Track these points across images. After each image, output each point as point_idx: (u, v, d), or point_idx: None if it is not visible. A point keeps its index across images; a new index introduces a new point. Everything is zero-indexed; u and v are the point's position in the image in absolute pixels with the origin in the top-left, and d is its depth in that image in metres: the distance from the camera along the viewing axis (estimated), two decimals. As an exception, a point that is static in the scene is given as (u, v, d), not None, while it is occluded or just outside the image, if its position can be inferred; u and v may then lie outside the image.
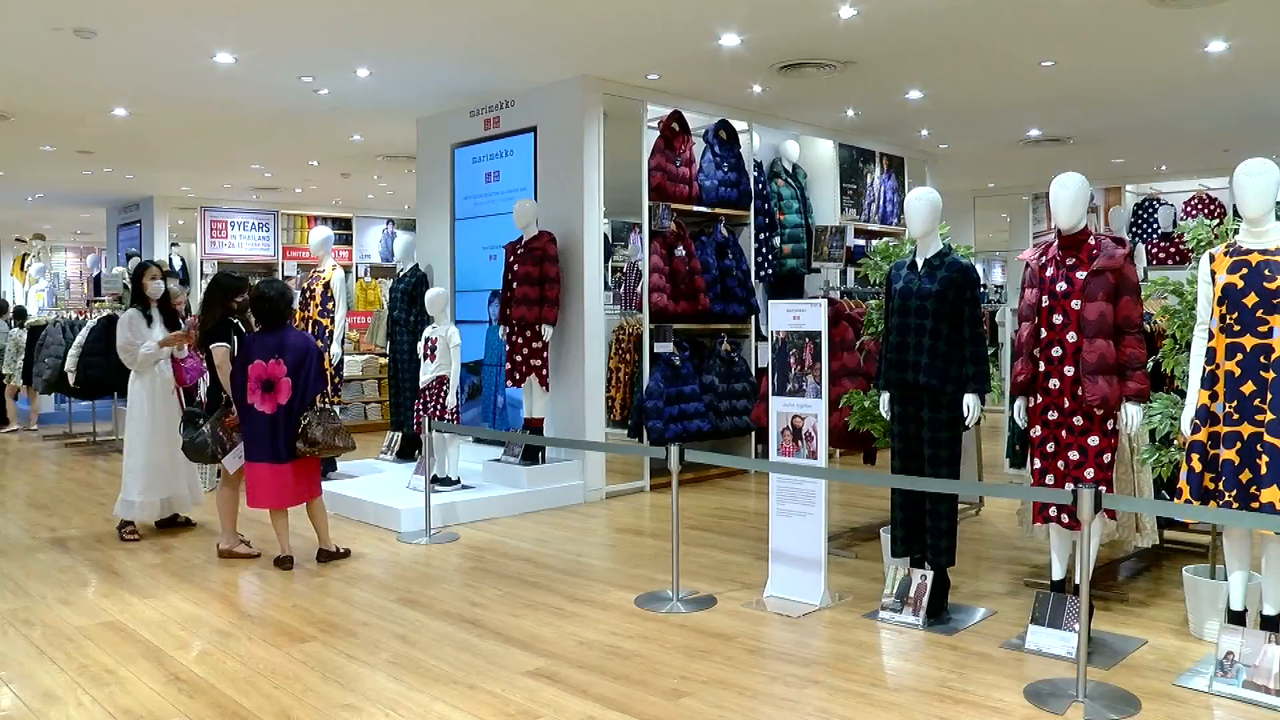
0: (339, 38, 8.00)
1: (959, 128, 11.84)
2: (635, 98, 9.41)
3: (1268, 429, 4.53)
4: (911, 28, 7.69)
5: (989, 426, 10.55)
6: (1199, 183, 14.73)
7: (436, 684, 4.66)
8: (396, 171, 14.75)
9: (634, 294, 9.75)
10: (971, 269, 5.61)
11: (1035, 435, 5.29)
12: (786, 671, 4.82)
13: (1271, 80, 9.54)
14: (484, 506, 8.39)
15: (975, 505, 8.38)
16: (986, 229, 18.22)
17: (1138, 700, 4.38)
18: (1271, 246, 4.67)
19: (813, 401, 5.81)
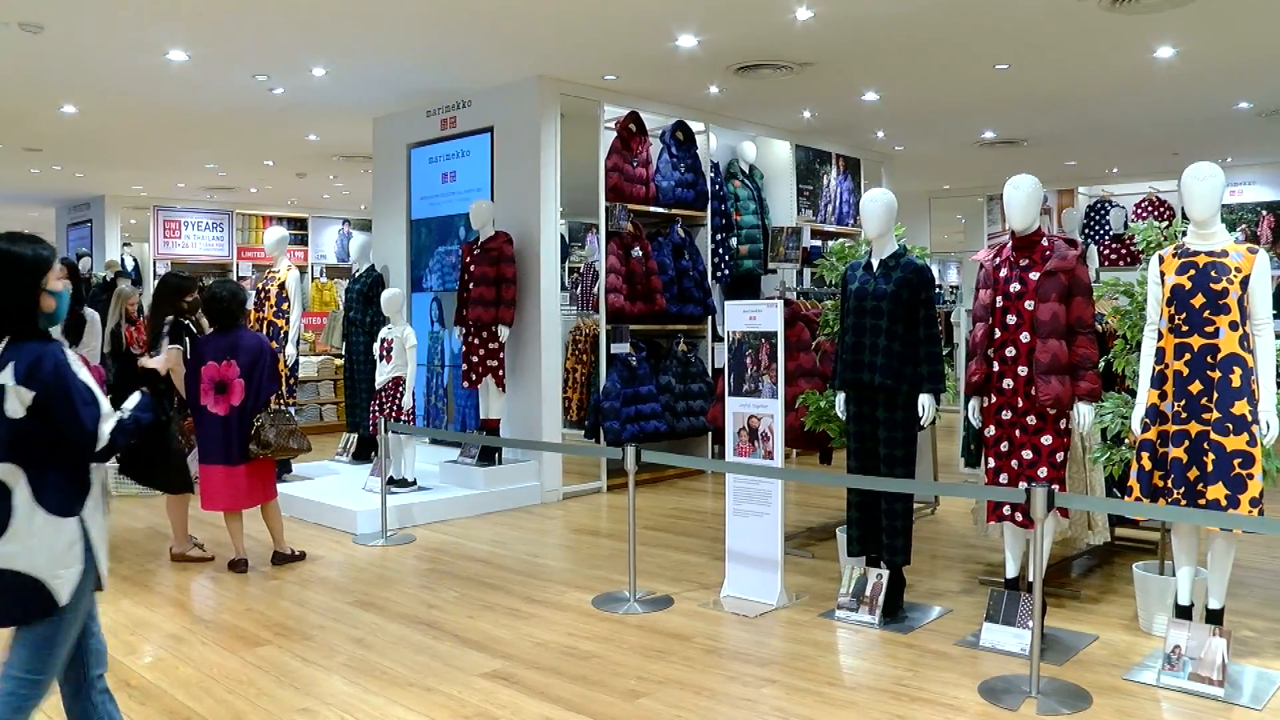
0: (294, 36, 7.93)
1: (915, 129, 11.93)
2: (592, 98, 9.40)
3: (1214, 427, 4.60)
4: (868, 30, 7.73)
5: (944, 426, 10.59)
6: (1149, 185, 14.93)
7: (393, 686, 4.64)
8: (353, 171, 14.65)
9: (591, 295, 9.75)
10: (926, 270, 5.65)
11: (989, 435, 5.33)
12: (743, 671, 4.83)
13: (1217, 86, 9.69)
14: (440, 508, 8.35)
15: (931, 504, 8.44)
16: (942, 230, 18.37)
17: (1089, 695, 4.44)
18: (1218, 248, 4.75)
19: (769, 402, 5.83)
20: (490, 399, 8.89)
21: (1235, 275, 4.67)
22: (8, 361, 2.94)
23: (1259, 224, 14.23)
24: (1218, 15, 7.42)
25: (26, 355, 2.96)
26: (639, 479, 6.20)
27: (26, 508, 2.94)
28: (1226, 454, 4.57)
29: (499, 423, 8.95)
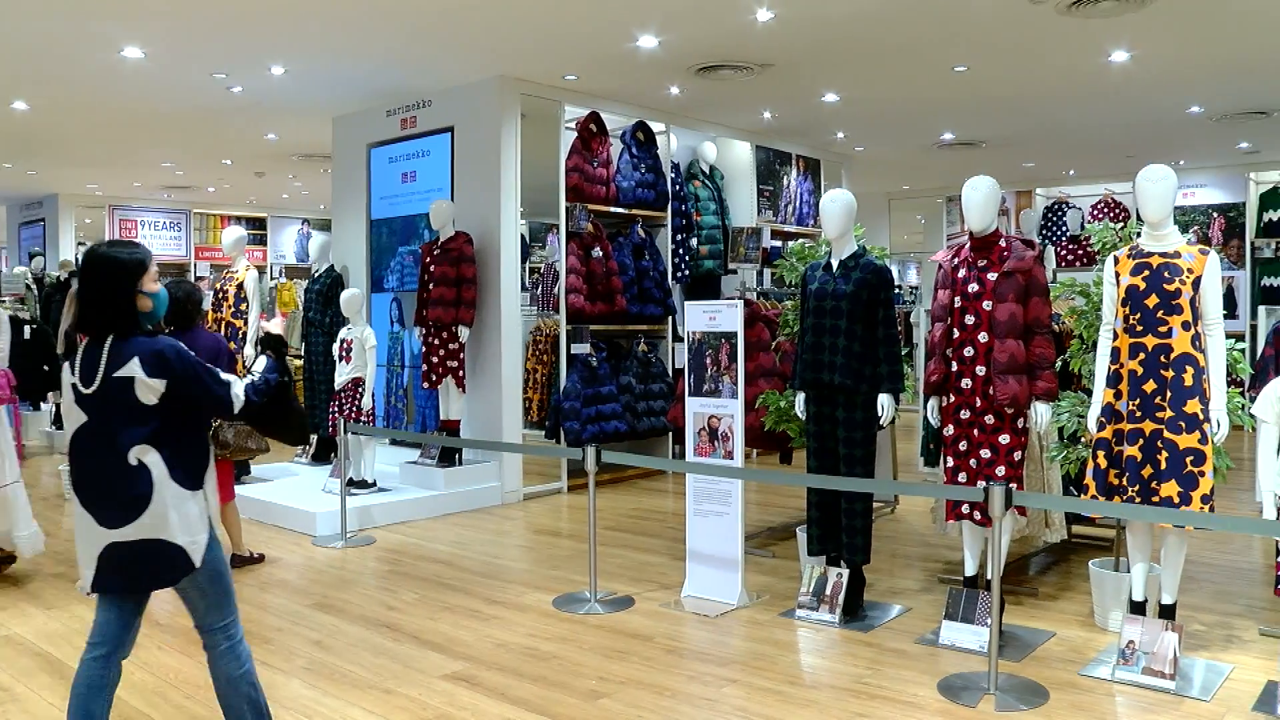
0: (253, 34, 7.86)
1: (874, 131, 11.99)
2: (553, 98, 9.38)
3: (1167, 426, 4.66)
4: (828, 32, 7.76)
5: (904, 426, 10.70)
6: (1105, 187, 15.11)
7: (353, 689, 4.61)
8: (312, 171, 14.55)
9: (551, 295, 9.73)
10: (885, 270, 5.68)
11: (948, 434, 5.37)
12: (704, 671, 4.84)
13: (1170, 90, 9.82)
14: (400, 509, 8.31)
15: (890, 503, 8.49)
16: (902, 230, 18.48)
17: (1046, 690, 4.48)
18: (1171, 249, 4.81)
19: (729, 402, 5.84)
20: (450, 400, 8.85)
21: (1188, 276, 4.73)
22: (130, 357, 3.23)
23: (1210, 226, 14.43)
24: (1170, 21, 7.52)
25: (145, 350, 3.26)
26: (600, 479, 6.19)
27: (163, 483, 3.25)
28: (1179, 452, 4.63)
29: (459, 423, 8.92)
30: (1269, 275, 13.92)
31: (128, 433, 3.23)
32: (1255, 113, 10.91)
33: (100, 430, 3.26)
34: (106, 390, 3.24)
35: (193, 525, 3.31)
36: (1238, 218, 14.34)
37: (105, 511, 3.26)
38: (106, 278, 3.31)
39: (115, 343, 3.27)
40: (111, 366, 3.24)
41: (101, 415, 3.26)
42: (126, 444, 3.22)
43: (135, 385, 3.22)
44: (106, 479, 3.25)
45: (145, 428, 3.24)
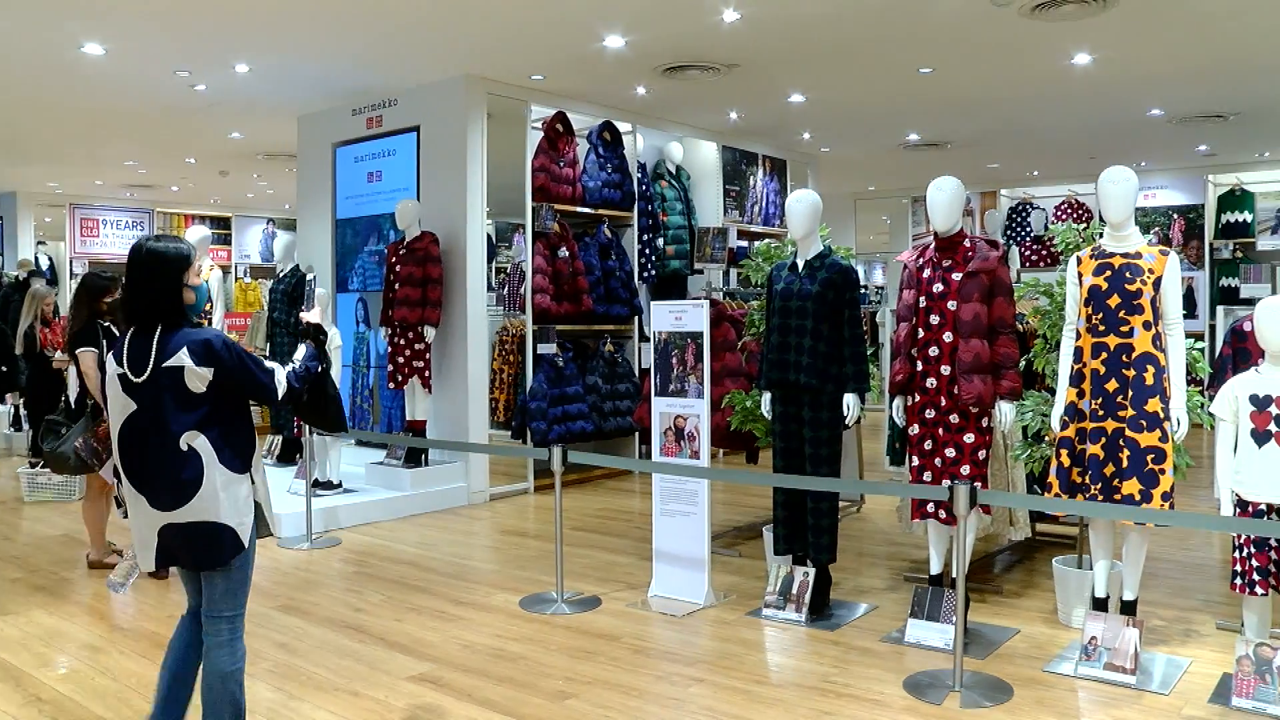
0: (216, 32, 7.78)
1: (840, 131, 12.04)
2: (519, 98, 9.36)
3: (1129, 425, 4.71)
4: (794, 32, 7.79)
5: (869, 425, 10.75)
6: (1069, 188, 15.25)
7: (318, 692, 4.58)
8: (277, 170, 14.43)
9: (517, 295, 9.70)
10: (851, 270, 5.71)
11: (913, 433, 5.40)
12: (671, 670, 4.84)
13: (1131, 93, 9.92)
14: (366, 510, 8.27)
15: (856, 503, 8.53)
16: (867, 231, 18.57)
17: (1010, 687, 4.52)
18: (1132, 250, 4.86)
19: (695, 402, 5.85)
20: (416, 400, 8.82)
21: (1149, 276, 4.78)
22: (178, 347, 3.38)
23: (1171, 227, 14.58)
24: (1131, 25, 7.59)
25: (192, 340, 3.40)
26: (566, 479, 6.19)
27: (212, 467, 3.40)
28: (1140, 450, 4.69)
29: (425, 424, 8.89)
30: (1227, 276, 14.09)
31: (178, 419, 3.38)
32: (1213, 116, 11.05)
33: (151, 417, 3.40)
34: (157, 379, 3.38)
35: (241, 507, 3.48)
36: (1197, 219, 14.51)
37: (157, 495, 3.41)
38: (155, 271, 3.45)
39: (164, 334, 3.42)
40: (161, 356, 3.38)
41: (152, 403, 3.39)
42: (178, 430, 3.38)
43: (185, 374, 3.37)
44: (158, 464, 3.40)
45: (195, 414, 3.39)
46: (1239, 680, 4.29)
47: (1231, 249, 14.28)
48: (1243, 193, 14.17)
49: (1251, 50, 8.42)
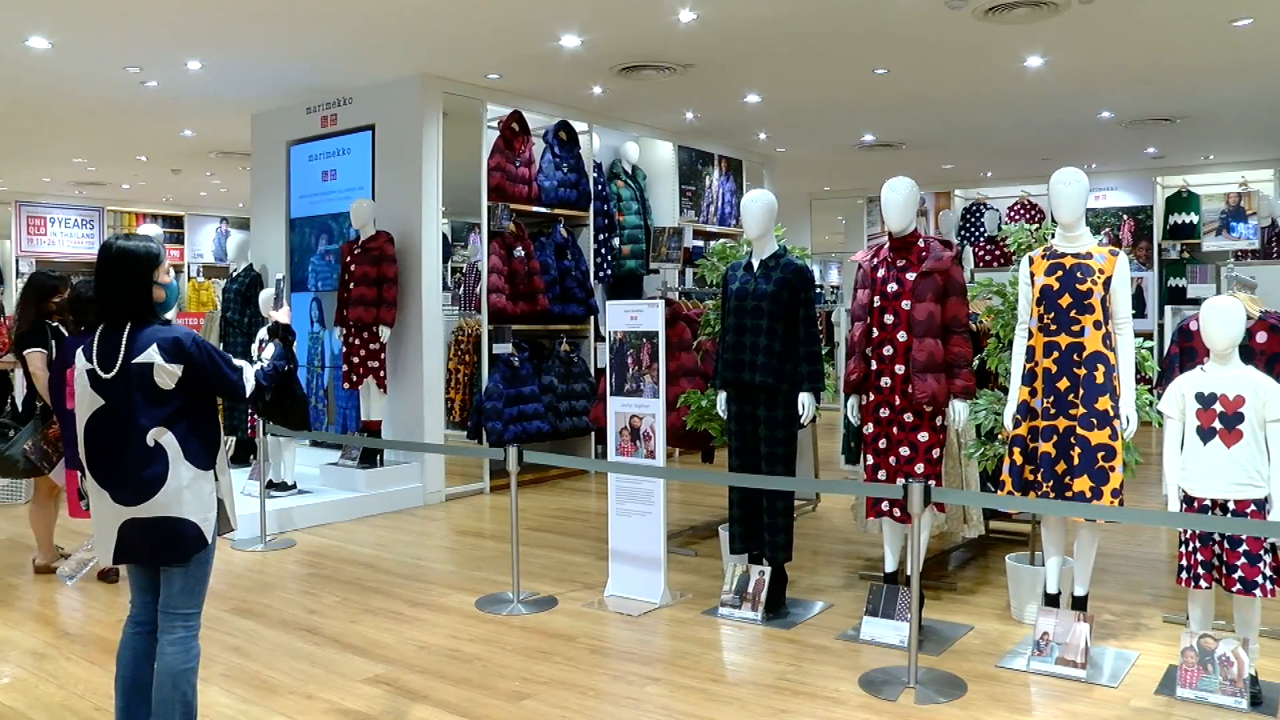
0: (167, 27, 7.67)
1: (796, 132, 12.09)
2: (475, 97, 9.33)
3: (1080, 423, 4.77)
4: (750, 33, 7.81)
5: (825, 424, 10.81)
6: (1022, 189, 15.41)
7: (273, 695, 4.54)
8: (230, 169, 14.27)
9: (473, 295, 9.68)
10: (806, 270, 5.73)
11: (868, 432, 5.43)
12: (628, 670, 4.85)
13: (1082, 95, 10.04)
14: (321, 511, 8.21)
15: (812, 501, 8.57)
16: (823, 231, 18.66)
17: (964, 683, 4.56)
18: (1083, 250, 4.92)
19: (650, 401, 5.85)
20: (371, 400, 8.77)
21: (1099, 276, 4.84)
22: (148, 343, 3.43)
23: (1121, 228, 14.77)
24: (1081, 30, 7.69)
25: (162, 337, 3.45)
26: (522, 479, 6.18)
27: (178, 463, 3.44)
28: (1091, 448, 4.75)
29: (380, 424, 8.84)
30: (1175, 276, 14.30)
31: (146, 415, 3.42)
32: (1161, 119, 11.21)
33: (118, 413, 3.43)
34: (126, 375, 3.42)
35: (205, 504, 3.51)
36: (1146, 220, 14.71)
37: (122, 490, 3.44)
38: (125, 269, 3.50)
39: (133, 330, 3.46)
40: (131, 353, 3.43)
41: (120, 399, 3.43)
42: (145, 426, 3.41)
43: (154, 370, 3.41)
44: (124, 459, 3.43)
45: (163, 410, 3.43)
46: (1183, 671, 4.38)
47: (1179, 250, 14.49)
48: (1189, 194, 14.38)
49: (1195, 56, 8.58)
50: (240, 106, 10.26)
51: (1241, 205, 13.85)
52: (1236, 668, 4.27)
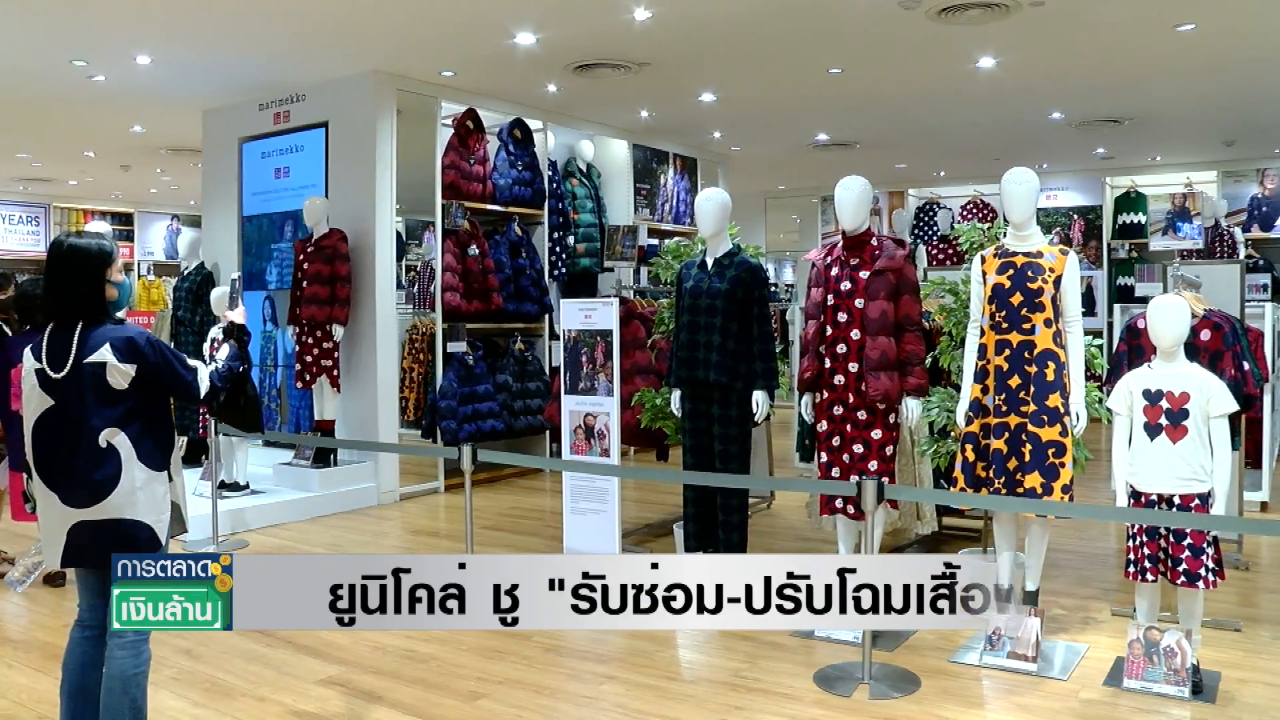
0: (115, 21, 7.54)
1: (751, 131, 12.13)
2: (429, 94, 9.28)
3: (1031, 420, 4.83)
4: (705, 32, 7.83)
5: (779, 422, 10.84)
6: (974, 189, 15.55)
7: (224, 698, 4.50)
8: (181, 165, 14.08)
9: (427, 293, 9.63)
10: (760, 268, 5.76)
11: (822, 430, 5.46)
12: (583, 669, 4.85)
13: (1033, 96, 10.16)
14: (274, 511, 8.15)
15: (767, 498, 8.60)
16: (778, 229, 18.73)
17: (918, 678, 4.61)
18: (1034, 249, 4.98)
19: (605, 400, 5.86)
20: (325, 399, 8.71)
21: (1049, 275, 4.91)
22: (100, 343, 3.40)
23: (1071, 227, 14.95)
24: (1032, 32, 7.78)
25: (115, 337, 3.42)
26: (477, 479, 6.16)
27: (131, 465, 3.41)
28: (1042, 444, 4.80)
29: (334, 423, 8.78)
30: (1124, 275, 14.49)
31: (98, 416, 3.39)
32: (1110, 120, 11.36)
33: (69, 413, 3.40)
34: (78, 375, 3.39)
35: (159, 505, 3.49)
36: (1096, 220, 14.90)
37: (72, 492, 3.40)
38: (77, 268, 3.46)
39: (85, 330, 3.43)
40: (83, 352, 3.39)
41: (71, 399, 3.39)
42: (97, 426, 3.38)
43: (107, 370, 3.38)
44: (75, 460, 3.39)
45: (115, 410, 3.40)
46: (1130, 663, 4.46)
47: (1127, 249, 14.69)
48: (1137, 195, 14.59)
49: (1142, 59, 8.72)
50: (191, 102, 10.13)
51: (1186, 206, 14.07)
52: (1180, 658, 4.36)
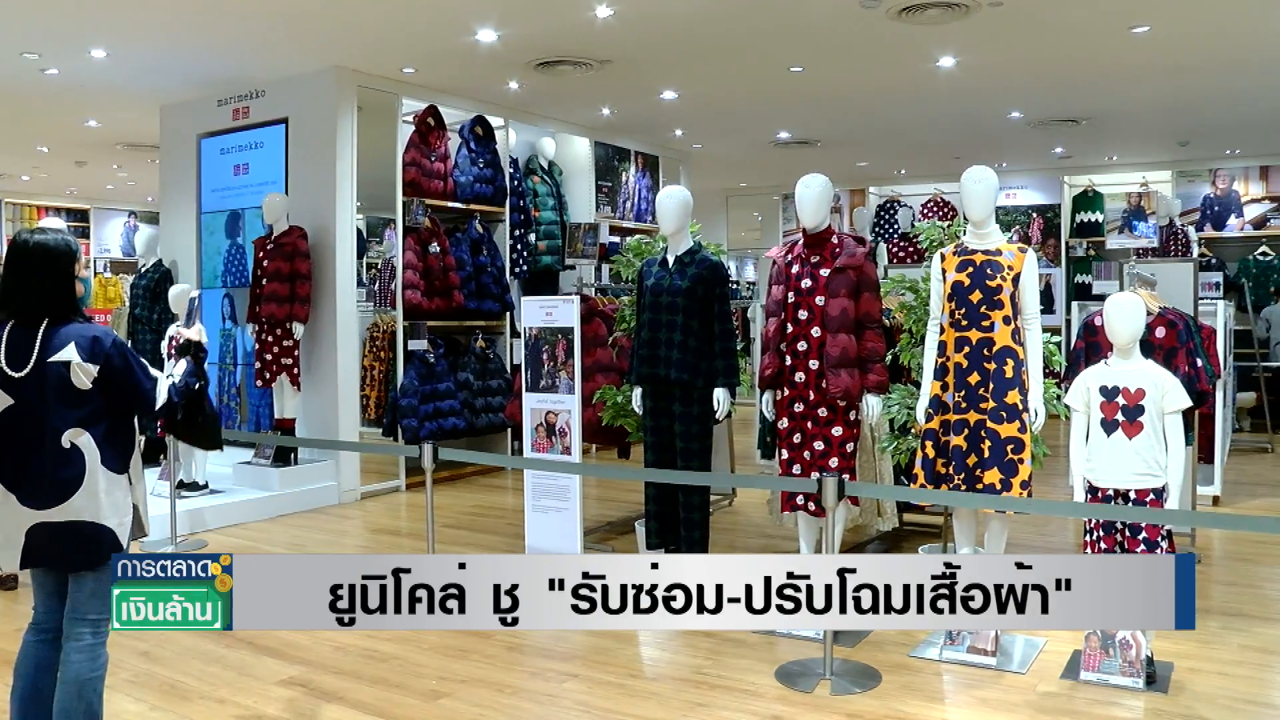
0: (69, 13, 7.43)
1: (712, 128, 12.16)
2: (390, 91, 9.23)
3: (990, 416, 4.87)
4: (666, 29, 7.84)
5: (740, 419, 10.88)
6: (934, 187, 15.66)
7: (182, 701, 4.46)
8: (139, 161, 13.88)
9: (388, 291, 9.58)
10: (721, 266, 5.77)
11: (783, 427, 5.48)
12: (545, 667, 4.85)
13: (992, 95, 10.25)
14: (234, 511, 8.08)
15: (728, 495, 8.62)
16: (739, 227, 18.77)
17: (879, 673, 4.64)
18: (993, 247, 5.02)
19: (566, 397, 5.86)
20: (285, 398, 8.65)
21: (1008, 273, 4.95)
22: (66, 341, 3.35)
23: (1030, 225, 15.08)
24: (991, 32, 7.84)
25: (81, 336, 3.38)
26: (438, 477, 6.14)
27: (94, 466, 3.36)
28: (1001, 440, 4.85)
29: (294, 422, 8.72)
30: (1082, 273, 14.64)
31: (61, 416, 3.34)
32: (1068, 120, 11.48)
33: (31, 413, 3.34)
34: (41, 374, 3.33)
35: (121, 508, 3.44)
36: (1054, 218, 15.04)
37: (33, 493, 3.33)
38: (44, 265, 3.40)
39: (50, 327, 3.37)
40: (46, 351, 3.34)
41: (34, 398, 3.34)
42: (60, 427, 3.33)
43: (71, 369, 3.33)
44: (36, 461, 3.34)
45: (80, 411, 3.35)
46: (1087, 655, 4.52)
47: (1085, 247, 14.84)
48: (1094, 193, 14.75)
49: (1098, 60, 8.81)
50: (148, 97, 10.01)
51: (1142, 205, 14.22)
52: (1135, 650, 4.42)
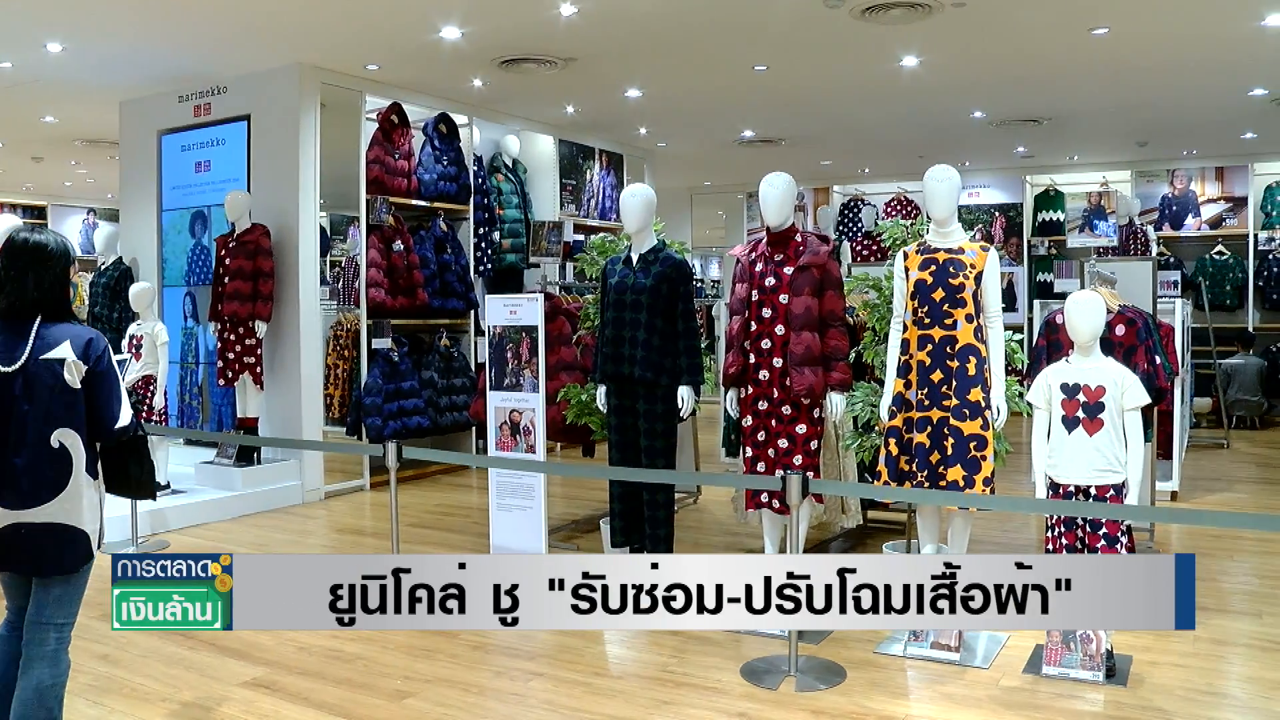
0: (23, 6, 7.31)
1: (677, 127, 12.17)
2: (354, 88, 9.18)
3: (953, 414, 4.91)
4: (630, 27, 7.84)
5: (706, 417, 10.90)
6: (898, 185, 15.76)
7: (143, 704, 4.42)
8: (98, 157, 13.71)
9: (352, 289, 9.53)
10: (685, 264, 5.79)
11: (747, 425, 5.50)
12: (511, 666, 4.84)
13: (956, 95, 10.32)
14: (196, 511, 8.01)
15: (693, 493, 8.63)
16: (704, 225, 18.82)
17: (844, 670, 4.66)
18: (955, 246, 5.06)
19: (530, 396, 5.86)
20: (248, 397, 8.58)
21: (971, 271, 4.99)
22: (61, 339, 3.33)
23: (992, 224, 15.21)
24: (954, 32, 7.90)
25: (76, 335, 3.37)
26: (402, 476, 6.11)
27: (79, 468, 3.33)
28: (964, 438, 4.88)
29: (257, 421, 8.65)
30: (1043, 271, 14.77)
31: (52, 415, 3.30)
32: (1030, 120, 11.57)
33: (19, 411, 3.28)
34: (34, 371, 3.29)
35: (96, 512, 3.40)
36: (1016, 217, 15.17)
37: (12, 492, 3.26)
38: (42, 264, 3.39)
39: (43, 325, 3.35)
40: (40, 348, 3.31)
41: (22, 396, 3.28)
42: (49, 427, 3.29)
43: (65, 367, 3.31)
44: (18, 459, 3.27)
45: (70, 411, 3.33)
46: (1049, 650, 4.57)
47: (1047, 246, 14.98)
48: (1056, 193, 14.90)
49: (1059, 61, 8.90)
50: (107, 93, 9.88)
51: (1102, 204, 14.39)
52: (1095, 644, 4.47)
